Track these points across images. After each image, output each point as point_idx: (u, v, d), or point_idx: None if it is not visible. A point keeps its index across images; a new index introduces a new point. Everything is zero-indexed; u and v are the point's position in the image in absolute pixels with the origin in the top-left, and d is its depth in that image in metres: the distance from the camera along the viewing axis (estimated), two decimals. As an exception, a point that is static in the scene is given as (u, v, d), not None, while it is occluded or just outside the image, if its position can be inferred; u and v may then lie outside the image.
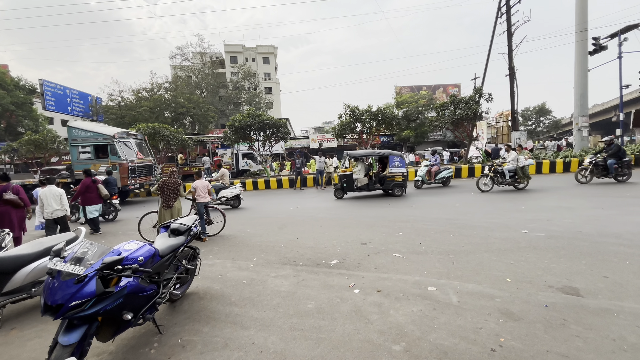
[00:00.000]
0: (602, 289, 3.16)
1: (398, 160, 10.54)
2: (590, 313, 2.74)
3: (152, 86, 28.10)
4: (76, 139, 12.46)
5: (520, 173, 9.87)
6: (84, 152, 12.44)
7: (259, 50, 47.64)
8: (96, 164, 12.25)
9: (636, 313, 2.70)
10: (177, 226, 3.41)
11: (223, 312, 3.17)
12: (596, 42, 17.24)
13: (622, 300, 2.92)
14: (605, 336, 2.41)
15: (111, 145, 12.33)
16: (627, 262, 3.78)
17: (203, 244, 5.75)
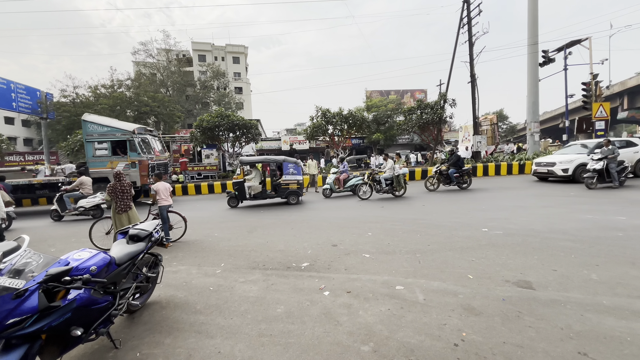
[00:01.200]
0: (552, 282, 3.42)
1: (293, 167, 10.39)
2: (541, 304, 2.95)
3: (112, 83, 26.37)
4: (92, 134, 11.50)
5: (395, 181, 10.13)
6: (100, 148, 11.56)
7: (228, 49, 46.57)
8: (113, 160, 11.48)
9: (580, 303, 2.94)
10: (137, 232, 3.19)
11: (187, 321, 3.02)
12: (545, 54, 18.84)
13: (569, 291, 3.18)
14: (555, 325, 2.60)
15: (130, 141, 11.52)
16: (572, 256, 4.13)
17: (166, 250, 5.46)
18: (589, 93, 18.61)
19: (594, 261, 3.92)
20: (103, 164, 11.49)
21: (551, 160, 11.69)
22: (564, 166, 11.11)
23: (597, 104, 17.51)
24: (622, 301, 2.94)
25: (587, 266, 3.78)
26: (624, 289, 3.17)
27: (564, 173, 11.07)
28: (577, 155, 11.28)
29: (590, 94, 18.54)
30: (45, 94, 25.04)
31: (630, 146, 11.60)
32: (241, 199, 10.30)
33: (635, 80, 31.53)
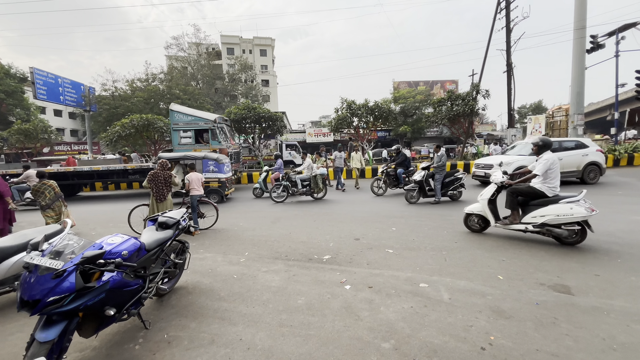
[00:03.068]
0: (593, 287, 3.15)
1: (213, 165, 9.82)
2: (580, 311, 2.73)
3: (146, 77, 27.60)
4: (178, 123, 12.18)
5: (313, 182, 9.30)
6: (185, 136, 12.17)
7: (256, 42, 47.03)
8: (197, 148, 12.02)
9: (626, 312, 2.69)
10: (165, 219, 3.33)
11: (211, 308, 3.12)
12: (594, 40, 17.20)
13: (613, 299, 2.91)
14: (595, 335, 2.39)
15: (212, 130, 12.11)
16: (619, 261, 3.78)
17: (194, 237, 5.68)
18: (644, 82, 16.83)
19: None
20: (188, 151, 11.83)
21: (489, 162, 10.16)
22: (503, 169, 9.12)
23: (654, 94, 15.83)
24: (676, 313, 2.65)
25: (635, 272, 3.45)
26: (679, 300, 2.86)
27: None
28: (517, 157, 9.69)
29: (646, 83, 16.75)
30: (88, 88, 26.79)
31: (580, 148, 9.88)
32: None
33: (702, 67, 27.99)
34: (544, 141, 4.76)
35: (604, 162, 9.88)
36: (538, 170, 4.58)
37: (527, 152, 9.72)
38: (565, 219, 4.22)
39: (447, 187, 8.12)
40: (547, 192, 4.50)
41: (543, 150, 4.73)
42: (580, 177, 9.78)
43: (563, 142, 10.09)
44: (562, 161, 9.22)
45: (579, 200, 4.29)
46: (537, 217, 4.44)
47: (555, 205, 4.34)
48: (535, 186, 4.60)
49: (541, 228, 4.44)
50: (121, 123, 16.45)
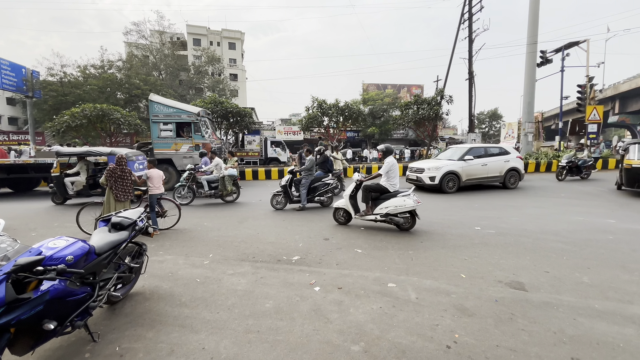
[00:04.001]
0: (544, 284, 3.40)
1: None
2: (534, 307, 2.92)
3: (102, 63, 25.48)
4: (158, 114, 11.37)
5: (221, 184, 8.48)
6: (165, 129, 11.43)
7: (225, 34, 45.45)
8: (178, 142, 11.38)
9: (573, 306, 2.92)
10: (120, 220, 3.03)
11: (171, 314, 2.90)
12: (543, 55, 18.83)
13: (561, 294, 3.16)
14: (548, 329, 2.56)
15: (195, 124, 11.46)
16: (565, 258, 4.12)
17: (152, 239, 5.29)
18: (583, 95, 18.75)
19: (585, 264, 3.92)
20: (167, 145, 11.40)
21: (421, 166, 10.30)
22: (432, 174, 9.69)
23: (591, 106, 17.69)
24: (613, 305, 2.93)
25: (578, 269, 3.77)
26: (615, 293, 3.17)
27: (431, 182, 9.68)
28: (447, 162, 9.98)
29: (585, 97, 18.69)
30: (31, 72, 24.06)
31: (502, 154, 10.36)
32: (63, 197, 9.04)
33: (628, 85, 31.90)
34: (387, 148, 5.90)
35: (522, 168, 10.58)
36: (382, 170, 5.68)
37: (458, 156, 10.06)
38: (401, 209, 5.34)
39: (313, 193, 7.73)
40: (389, 188, 5.59)
41: (386, 156, 5.82)
42: (503, 182, 10.26)
43: (488, 148, 10.57)
44: (487, 167, 9.94)
45: (410, 194, 5.41)
46: (382, 209, 5.49)
47: (395, 198, 5.44)
48: (381, 184, 5.65)
49: (386, 217, 5.49)
50: (71, 112, 15.00)
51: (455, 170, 9.70)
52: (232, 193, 8.77)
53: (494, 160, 10.17)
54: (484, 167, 10.02)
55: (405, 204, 5.31)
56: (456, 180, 9.74)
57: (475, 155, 10.06)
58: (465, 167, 9.80)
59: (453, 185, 9.72)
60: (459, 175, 9.73)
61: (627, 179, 8.52)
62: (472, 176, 9.94)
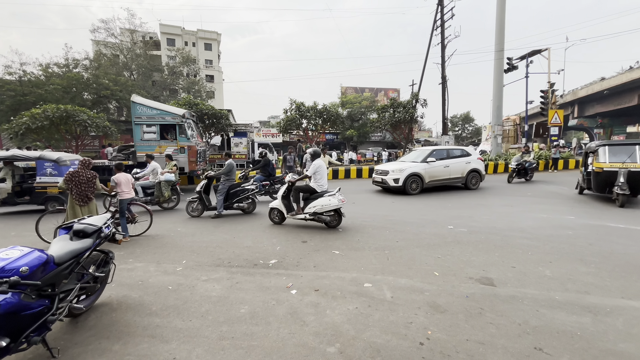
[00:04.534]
0: (511, 278, 3.57)
1: (51, 167, 8.20)
2: (501, 301, 3.05)
3: (66, 62, 24.06)
4: (140, 116, 10.95)
5: (157, 190, 7.93)
6: (149, 131, 11.01)
7: (200, 34, 44.43)
8: (162, 145, 10.98)
9: (536, 298, 3.08)
10: (83, 227, 2.86)
11: (140, 325, 2.77)
12: (510, 62, 19.91)
13: (526, 287, 3.33)
14: (513, 321, 2.69)
15: (180, 126, 11.11)
16: (530, 254, 4.35)
17: (122, 246, 5.05)
18: (546, 100, 19.98)
19: (548, 258, 4.16)
20: (151, 148, 10.90)
21: (385, 169, 10.36)
22: (395, 175, 9.77)
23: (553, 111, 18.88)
24: (572, 296, 3.12)
25: (542, 263, 4.00)
26: (573, 285, 3.38)
27: (395, 184, 9.74)
28: (410, 164, 10.12)
29: (547, 102, 19.92)
30: (-15, 70, 22.35)
31: (464, 156, 10.65)
32: None
33: (585, 91, 34.41)
34: (314, 151, 6.40)
35: (483, 169, 10.92)
36: (309, 172, 6.12)
37: (421, 158, 10.23)
38: (327, 207, 5.72)
39: (232, 199, 7.28)
40: (317, 188, 5.97)
41: (314, 158, 6.23)
42: (464, 183, 10.56)
43: (450, 150, 10.86)
44: (449, 168, 10.24)
45: (335, 194, 5.80)
46: (311, 208, 5.82)
47: (322, 198, 5.80)
48: (310, 184, 6.06)
49: (314, 216, 5.83)
50: (31, 113, 13.98)
51: (418, 172, 9.86)
52: (170, 199, 8.18)
53: (455, 162, 10.43)
54: (446, 169, 10.27)
55: (331, 203, 5.70)
56: (419, 182, 9.89)
57: (438, 158, 10.27)
58: (428, 168, 9.99)
59: (416, 186, 9.87)
60: (422, 177, 9.90)
61: (596, 183, 7.85)
62: (435, 178, 10.14)
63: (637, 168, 7.13)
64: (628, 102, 30.52)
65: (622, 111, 33.23)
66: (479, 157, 11.13)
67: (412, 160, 10.49)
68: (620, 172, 7.23)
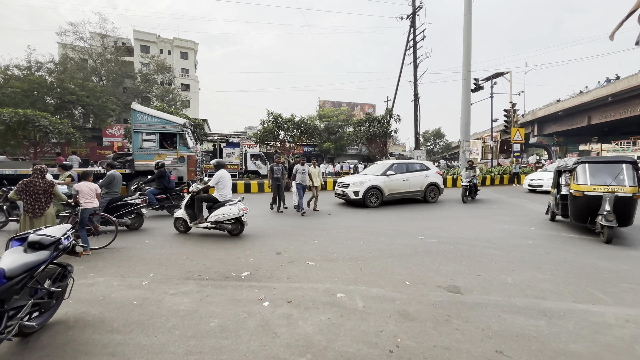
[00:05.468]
0: (476, 286, 3.74)
1: None
2: (467, 307, 3.19)
3: (28, 64, 22.72)
4: (140, 124, 10.97)
5: None
6: (148, 140, 11.01)
7: (176, 43, 43.72)
8: (161, 153, 10.98)
9: (498, 304, 3.25)
10: (39, 238, 2.68)
11: (99, 343, 2.60)
12: (476, 82, 21.29)
13: (490, 294, 3.50)
14: (477, 327, 2.81)
15: (181, 135, 11.21)
16: (494, 262, 4.59)
17: (83, 259, 4.75)
18: (509, 119, 21.46)
19: (510, 266, 4.41)
20: (150, 157, 10.89)
21: (347, 181, 10.35)
22: (356, 188, 9.78)
23: (515, 129, 20.29)
24: (530, 302, 3.32)
25: (505, 271, 4.22)
26: (532, 291, 3.60)
27: (355, 196, 9.76)
28: (370, 177, 10.20)
29: (510, 120, 21.40)
30: None
31: (423, 170, 10.91)
32: None
33: (543, 112, 37.42)
34: (217, 162, 6.59)
35: (442, 183, 11.20)
36: (211, 182, 6.32)
37: (381, 172, 10.34)
38: (228, 216, 5.96)
39: (111, 214, 6.37)
40: (219, 198, 6.23)
41: (217, 169, 6.41)
42: (423, 196, 10.74)
43: (410, 164, 11.07)
44: (408, 182, 10.50)
45: (236, 203, 6.08)
46: (212, 217, 6.04)
47: (223, 207, 6.05)
48: (213, 194, 6.30)
49: (216, 225, 6.06)
50: (-15, 117, 13.03)
51: (378, 185, 9.92)
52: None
53: (414, 175, 10.62)
54: (405, 182, 10.42)
55: (231, 212, 5.93)
56: (379, 195, 9.93)
57: (398, 171, 10.44)
58: (387, 182, 10.09)
59: (376, 199, 9.91)
60: (382, 190, 9.95)
61: (575, 211, 6.13)
62: (394, 191, 10.25)
63: (626, 193, 5.50)
64: (580, 123, 33.50)
65: (575, 131, 36.36)
66: (438, 171, 11.54)
67: (373, 174, 10.55)
68: (606, 197, 5.61)
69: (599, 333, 2.73)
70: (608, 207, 5.58)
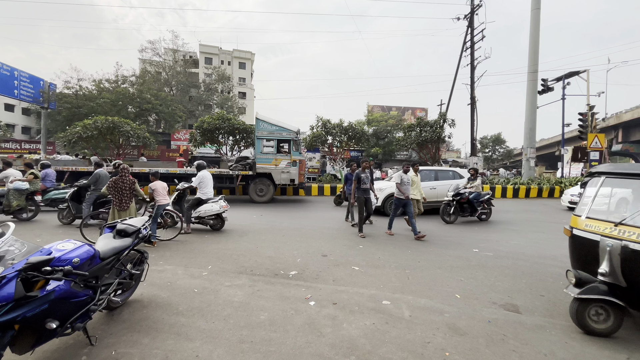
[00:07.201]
0: (539, 307, 3.41)
1: None
2: (526, 329, 2.93)
3: (116, 78, 26.46)
4: (262, 131, 12.30)
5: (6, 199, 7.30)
6: (268, 145, 12.36)
7: (235, 54, 47.13)
8: (278, 158, 12.27)
9: (565, 329, 2.93)
10: (124, 227, 3.15)
11: (167, 322, 2.95)
12: (544, 83, 19.27)
13: (555, 318, 3.17)
14: (539, 351, 2.58)
15: (295, 141, 12.38)
16: (561, 282, 4.13)
17: (154, 248, 5.40)
18: (585, 123, 18.97)
19: (581, 289, 3.92)
20: (268, 161, 12.15)
21: None
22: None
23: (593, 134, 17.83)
24: (606, 331, 2.92)
25: (574, 293, 3.77)
26: (609, 319, 3.16)
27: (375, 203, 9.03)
28: (389, 184, 9.61)
29: (586, 125, 18.89)
30: (48, 84, 25.08)
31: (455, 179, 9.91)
32: None
33: (630, 115, 32.24)
34: (198, 164, 7.18)
35: None
36: (194, 183, 6.94)
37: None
38: (209, 212, 6.74)
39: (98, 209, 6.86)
40: (202, 196, 6.86)
41: (199, 170, 7.04)
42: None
43: (440, 172, 10.27)
44: (436, 190, 9.52)
45: (218, 201, 6.84)
46: (196, 213, 6.74)
47: (205, 204, 6.79)
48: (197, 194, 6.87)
49: (200, 220, 6.80)
50: (83, 124, 15.46)
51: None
52: (23, 209, 7.55)
53: (444, 184, 9.72)
54: (433, 191, 9.64)
55: (212, 209, 6.70)
56: None
57: (425, 179, 9.50)
58: None
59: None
60: None
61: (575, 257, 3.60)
62: None
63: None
64: (681, 128, 28.17)
65: (674, 137, 30.65)
66: None
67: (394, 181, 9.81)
68: (605, 246, 2.93)
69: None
70: (606, 266, 2.90)
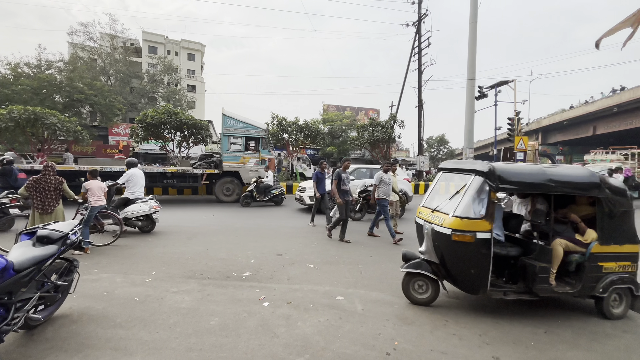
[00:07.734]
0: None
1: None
2: (465, 313, 3.21)
3: (38, 62, 23.08)
4: (229, 128, 11.81)
5: None
6: (235, 143, 11.84)
7: (184, 44, 44.25)
8: (246, 156, 11.83)
9: (495, 311, 3.26)
10: (47, 232, 2.75)
11: (103, 337, 2.65)
12: (480, 90, 21.31)
13: (490, 300, 3.51)
14: (474, 332, 2.84)
15: (264, 139, 12.07)
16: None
17: (86, 255, 4.83)
18: (512, 127, 21.43)
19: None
20: (236, 159, 11.73)
21: (304, 186, 10.24)
22: (311, 193, 8.98)
23: (518, 137, 20.22)
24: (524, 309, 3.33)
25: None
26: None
27: (311, 201, 9.26)
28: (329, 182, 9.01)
29: (514, 128, 21.36)
30: (-54, 65, 20.96)
31: None
32: None
33: (548, 121, 37.32)
34: (128, 162, 6.74)
35: (410, 190, 10.37)
36: (121, 180, 6.38)
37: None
38: (138, 213, 6.21)
39: None
40: (130, 196, 6.36)
41: (128, 168, 6.54)
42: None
43: (374, 169, 9.99)
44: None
45: (147, 201, 6.36)
46: (123, 214, 6.12)
47: (133, 205, 6.28)
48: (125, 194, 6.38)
49: (127, 221, 6.17)
50: (-5, 114, 13.24)
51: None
52: None
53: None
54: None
55: (141, 209, 6.20)
56: None
57: (359, 177, 9.80)
58: None
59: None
60: None
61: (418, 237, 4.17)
62: None
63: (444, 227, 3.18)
64: (585, 133, 33.36)
65: (580, 140, 36.19)
66: (406, 177, 11.31)
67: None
68: (424, 229, 3.53)
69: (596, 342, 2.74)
70: (424, 246, 3.46)
